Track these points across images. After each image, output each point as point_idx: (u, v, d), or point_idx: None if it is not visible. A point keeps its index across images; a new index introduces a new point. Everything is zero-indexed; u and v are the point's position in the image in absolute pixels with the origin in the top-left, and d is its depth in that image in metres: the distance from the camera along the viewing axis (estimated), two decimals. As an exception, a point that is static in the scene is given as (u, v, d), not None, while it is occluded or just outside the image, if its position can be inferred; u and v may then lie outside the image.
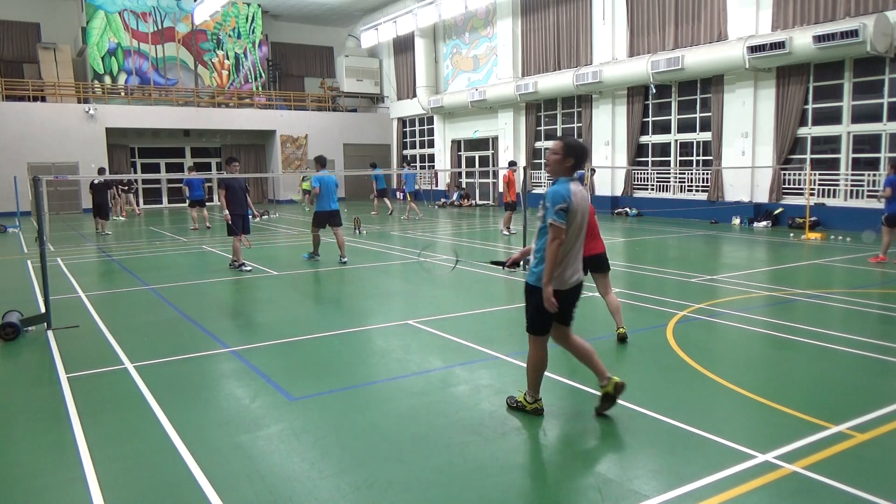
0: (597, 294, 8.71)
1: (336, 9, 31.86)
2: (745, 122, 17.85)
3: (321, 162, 11.78)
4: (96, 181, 18.00)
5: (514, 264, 4.89)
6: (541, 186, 25.02)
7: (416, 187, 26.65)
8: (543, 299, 4.21)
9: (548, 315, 4.33)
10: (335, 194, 11.80)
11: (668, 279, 9.79)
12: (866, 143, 15.96)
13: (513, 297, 8.98)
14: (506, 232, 15.85)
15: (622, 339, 6.31)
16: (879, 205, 13.03)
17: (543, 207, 4.28)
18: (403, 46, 31.25)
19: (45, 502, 3.54)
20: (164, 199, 30.34)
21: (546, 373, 5.43)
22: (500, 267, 4.94)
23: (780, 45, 15.73)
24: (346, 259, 11.74)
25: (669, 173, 20.72)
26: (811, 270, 10.67)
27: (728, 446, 4.00)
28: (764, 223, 17.16)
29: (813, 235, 14.50)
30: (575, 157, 4.29)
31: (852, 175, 16.13)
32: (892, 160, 11.08)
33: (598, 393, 4.57)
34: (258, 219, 17.66)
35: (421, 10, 26.45)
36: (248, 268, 11.09)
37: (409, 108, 31.69)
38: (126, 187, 24.35)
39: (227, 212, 10.94)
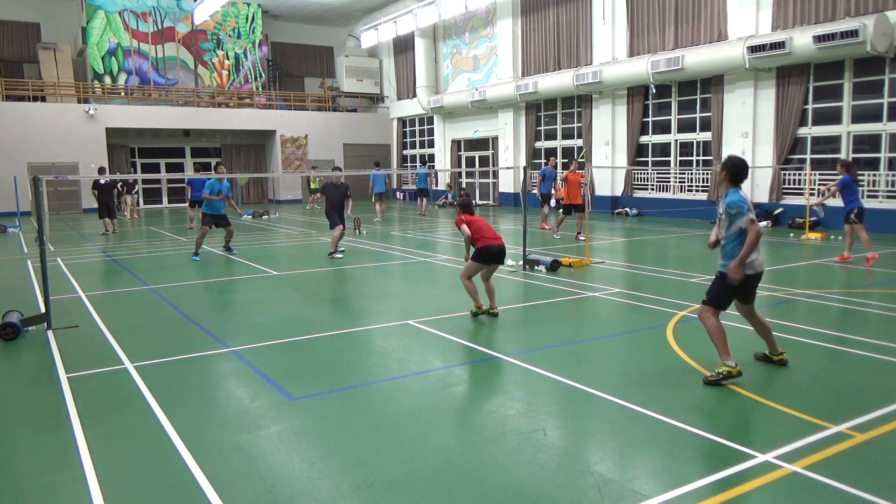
0: (596, 294, 8.73)
1: (336, 9, 31.86)
2: (745, 122, 17.85)
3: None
4: (102, 181, 17.97)
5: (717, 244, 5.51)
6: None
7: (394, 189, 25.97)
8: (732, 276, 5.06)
9: (731, 295, 5.25)
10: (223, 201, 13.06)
11: (668, 279, 9.80)
12: (866, 143, 15.97)
13: (513, 297, 8.98)
14: (556, 235, 15.52)
15: (494, 315, 7.46)
16: (880, 205, 13.05)
17: (728, 213, 5.14)
18: (403, 46, 31.25)
19: (45, 502, 3.54)
20: (164, 200, 30.35)
21: (546, 373, 5.45)
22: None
23: (780, 45, 15.73)
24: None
25: (669, 173, 20.72)
26: (811, 270, 10.68)
27: (728, 446, 4.00)
28: (764, 223, 17.15)
29: (813, 235, 14.49)
30: (730, 169, 5.23)
31: (852, 175, 16.12)
32: (843, 161, 11.22)
33: (771, 358, 5.56)
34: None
35: (421, 10, 26.46)
36: (339, 256, 12.23)
37: (409, 108, 31.69)
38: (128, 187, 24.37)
39: (312, 204, 12.43)
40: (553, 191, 17.57)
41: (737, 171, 5.18)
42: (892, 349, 6.00)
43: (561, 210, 15.68)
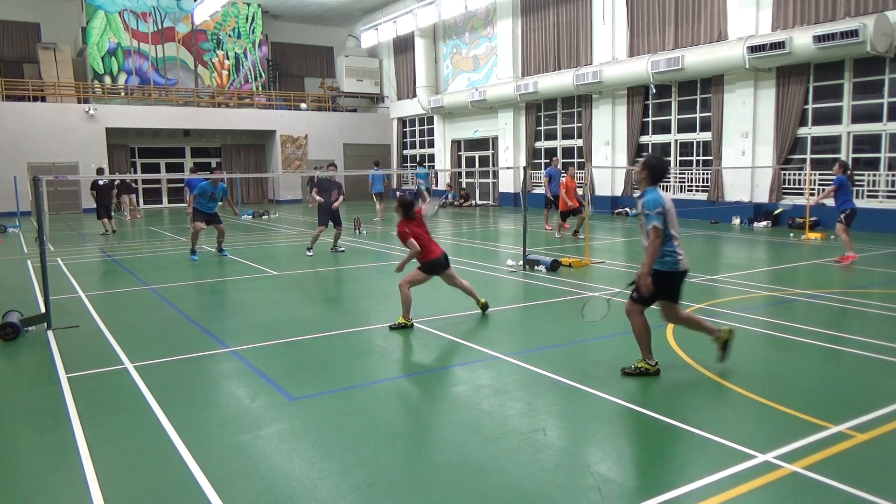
0: (596, 294, 8.73)
1: (336, 9, 31.86)
2: (745, 122, 17.85)
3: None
4: (101, 182, 18.08)
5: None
6: (540, 186, 25.02)
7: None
8: (645, 284, 5.10)
9: (659, 294, 5.23)
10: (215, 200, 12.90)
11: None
12: (866, 143, 15.96)
13: (513, 297, 8.99)
14: (558, 235, 15.61)
15: (484, 308, 7.57)
16: (880, 205, 13.02)
17: (643, 212, 5.16)
18: (403, 46, 31.25)
19: (45, 502, 3.54)
20: (164, 200, 30.35)
21: (546, 373, 5.46)
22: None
23: (780, 45, 15.73)
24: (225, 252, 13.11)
25: (669, 173, 20.72)
26: (811, 270, 10.67)
27: (728, 446, 4.00)
28: (764, 223, 17.16)
29: (813, 235, 14.49)
30: (649, 170, 5.25)
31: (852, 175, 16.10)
32: (841, 162, 11.25)
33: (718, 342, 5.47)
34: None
35: (421, 10, 26.46)
36: (311, 254, 12.55)
37: (409, 108, 31.69)
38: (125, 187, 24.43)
39: (317, 198, 12.70)
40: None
41: (655, 171, 5.26)
42: (892, 349, 6.00)
43: (558, 215, 15.74)
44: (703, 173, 19.60)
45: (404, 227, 7.07)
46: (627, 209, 21.23)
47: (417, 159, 32.26)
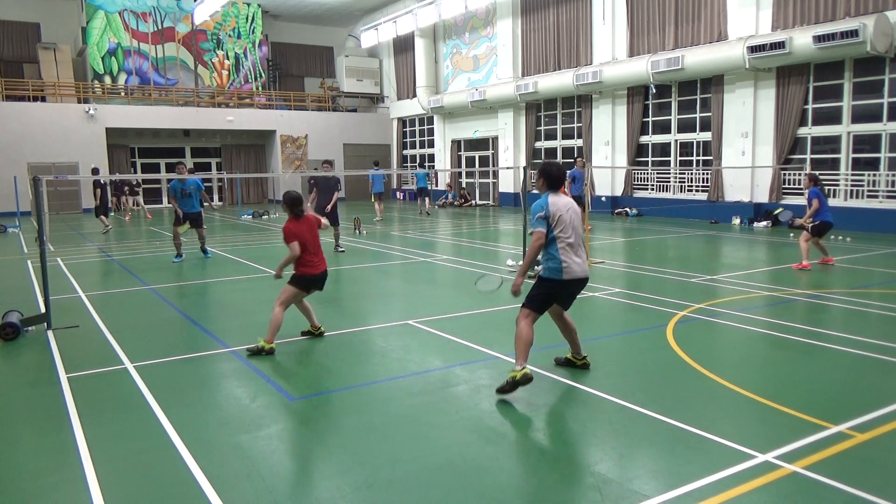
0: (596, 294, 8.72)
1: (336, 9, 31.86)
2: (745, 122, 17.85)
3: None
4: (103, 181, 18.36)
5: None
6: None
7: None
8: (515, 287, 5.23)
9: (550, 301, 5.30)
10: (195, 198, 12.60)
11: (668, 279, 9.79)
12: (866, 143, 15.96)
13: (513, 297, 8.98)
14: None
15: (320, 335, 6.74)
16: (880, 205, 12.96)
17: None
18: (403, 46, 31.25)
19: (45, 502, 3.54)
20: (164, 199, 30.33)
21: (547, 374, 5.46)
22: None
23: (780, 45, 15.73)
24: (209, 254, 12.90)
25: (669, 173, 20.72)
26: (811, 270, 10.66)
27: (728, 446, 4.00)
28: (764, 223, 17.16)
29: (813, 235, 14.46)
30: (545, 177, 5.25)
31: (852, 175, 16.13)
32: (810, 174, 11.19)
33: (574, 361, 5.60)
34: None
35: (421, 10, 26.46)
36: (342, 249, 12.74)
37: (409, 108, 31.69)
38: (132, 189, 24.62)
39: (309, 205, 12.36)
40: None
41: (551, 177, 5.22)
42: (892, 349, 6.00)
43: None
44: (703, 173, 19.60)
45: (291, 227, 6.39)
46: (627, 209, 21.23)
47: (417, 161, 32.19)
